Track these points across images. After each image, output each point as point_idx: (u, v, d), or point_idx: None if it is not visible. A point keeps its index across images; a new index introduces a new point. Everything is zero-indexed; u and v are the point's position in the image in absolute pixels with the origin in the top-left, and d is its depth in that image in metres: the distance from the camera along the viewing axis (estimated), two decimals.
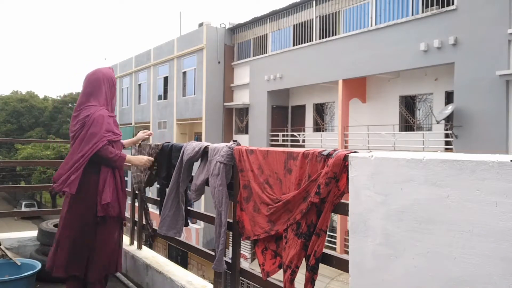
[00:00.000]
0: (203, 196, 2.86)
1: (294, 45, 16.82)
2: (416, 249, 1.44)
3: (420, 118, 13.62)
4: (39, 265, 3.39)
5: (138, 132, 3.66)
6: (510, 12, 10.01)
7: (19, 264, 3.42)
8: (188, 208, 3.14)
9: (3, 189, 11.13)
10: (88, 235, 2.85)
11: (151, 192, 6.10)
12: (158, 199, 3.52)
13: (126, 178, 3.39)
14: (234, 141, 2.66)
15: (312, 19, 15.98)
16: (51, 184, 2.96)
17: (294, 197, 2.02)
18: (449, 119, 11.41)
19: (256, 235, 2.30)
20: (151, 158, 3.27)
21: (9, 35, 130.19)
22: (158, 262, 3.60)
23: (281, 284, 2.13)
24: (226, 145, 2.60)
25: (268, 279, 2.27)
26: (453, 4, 11.31)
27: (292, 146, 16.66)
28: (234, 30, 20.15)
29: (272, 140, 17.82)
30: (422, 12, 12.30)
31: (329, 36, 15.30)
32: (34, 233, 4.35)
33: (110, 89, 3.03)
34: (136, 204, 3.93)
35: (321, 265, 1.96)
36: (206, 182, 2.74)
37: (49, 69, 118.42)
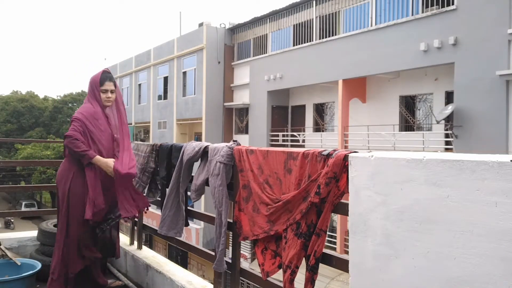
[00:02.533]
0: (203, 196, 2.86)
1: (294, 45, 16.82)
2: (416, 249, 1.44)
3: (420, 118, 13.62)
4: (39, 265, 3.39)
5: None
6: (510, 12, 10.01)
7: (19, 264, 3.42)
8: (189, 208, 3.14)
9: (3, 189, 11.15)
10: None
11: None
12: (159, 199, 3.53)
13: None
14: (234, 141, 2.65)
15: (312, 19, 15.98)
16: (52, 185, 3.23)
17: (294, 197, 2.01)
18: (449, 119, 11.40)
19: (255, 235, 2.30)
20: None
21: (9, 35, 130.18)
22: (158, 262, 3.60)
23: (281, 284, 2.12)
24: (226, 145, 2.60)
25: (268, 279, 2.27)
26: (453, 4, 11.31)
27: (292, 146, 16.66)
28: (234, 30, 20.15)
29: (272, 140, 17.82)
30: (422, 12, 12.30)
31: (329, 36, 15.29)
32: (34, 233, 4.34)
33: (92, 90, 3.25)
34: None
35: (321, 265, 1.96)
36: (206, 182, 2.74)
37: (49, 69, 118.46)
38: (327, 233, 1.99)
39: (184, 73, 21.36)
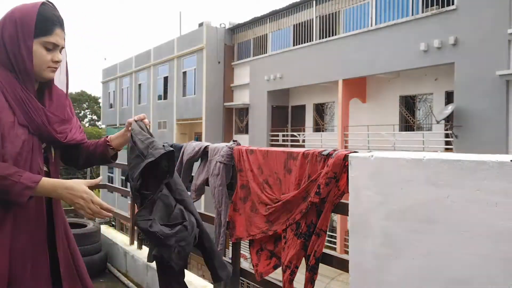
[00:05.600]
0: (203, 196, 2.85)
1: (294, 45, 16.83)
2: (416, 249, 1.44)
3: (420, 118, 13.62)
4: None
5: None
6: (510, 12, 10.01)
7: None
8: None
9: None
10: None
11: None
12: None
13: None
14: (234, 141, 2.65)
15: (312, 19, 15.98)
16: None
17: (293, 197, 2.01)
18: (449, 119, 11.41)
19: (251, 236, 2.29)
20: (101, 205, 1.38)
21: None
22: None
23: (281, 284, 2.12)
24: (226, 145, 2.60)
25: (268, 279, 2.27)
26: (453, 4, 11.31)
27: (292, 146, 16.66)
28: (234, 30, 20.15)
29: (272, 140, 17.82)
30: (422, 12, 12.30)
31: (329, 36, 15.30)
32: None
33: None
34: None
35: (321, 265, 1.96)
36: (206, 182, 2.73)
37: None
38: (327, 233, 1.99)
39: (184, 73, 21.36)
